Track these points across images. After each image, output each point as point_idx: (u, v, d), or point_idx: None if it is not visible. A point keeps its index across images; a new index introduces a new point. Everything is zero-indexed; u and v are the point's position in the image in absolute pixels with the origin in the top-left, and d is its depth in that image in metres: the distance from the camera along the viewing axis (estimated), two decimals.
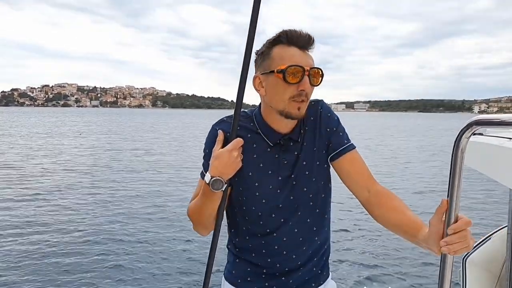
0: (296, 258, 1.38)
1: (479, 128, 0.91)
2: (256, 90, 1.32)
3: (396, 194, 1.32)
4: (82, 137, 30.85)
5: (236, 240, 1.45)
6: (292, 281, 1.40)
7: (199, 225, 1.34)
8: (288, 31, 1.23)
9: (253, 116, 1.37)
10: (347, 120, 38.71)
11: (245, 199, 1.35)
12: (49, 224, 7.77)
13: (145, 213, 8.75)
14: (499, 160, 1.52)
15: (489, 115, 0.90)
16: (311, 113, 1.37)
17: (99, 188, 11.27)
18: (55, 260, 5.95)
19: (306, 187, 1.35)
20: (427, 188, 12.09)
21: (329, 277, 1.51)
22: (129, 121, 69.73)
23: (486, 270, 2.30)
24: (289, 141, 1.34)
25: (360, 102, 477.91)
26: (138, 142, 27.05)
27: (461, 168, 0.97)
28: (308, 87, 1.23)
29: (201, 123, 64.55)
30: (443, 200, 1.03)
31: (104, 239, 6.95)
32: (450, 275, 1.01)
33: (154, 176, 13.63)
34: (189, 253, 6.37)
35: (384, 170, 15.26)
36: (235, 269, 1.46)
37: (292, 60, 1.21)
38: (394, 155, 21.23)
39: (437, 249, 1.04)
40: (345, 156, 1.35)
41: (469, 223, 1.01)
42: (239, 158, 1.23)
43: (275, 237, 1.36)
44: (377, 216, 1.30)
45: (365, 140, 31.71)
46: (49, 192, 10.64)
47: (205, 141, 1.37)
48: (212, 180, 1.19)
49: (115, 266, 5.82)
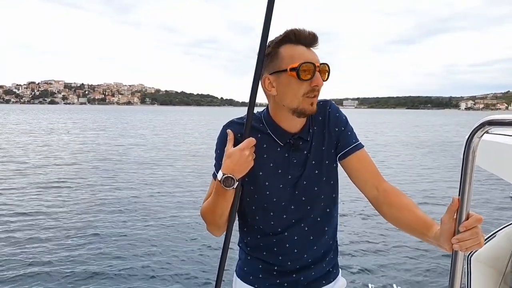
0: (307, 257, 1.41)
1: (492, 128, 0.92)
2: (266, 90, 1.34)
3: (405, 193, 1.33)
4: (70, 135, 30.50)
5: (247, 239, 1.48)
6: (303, 279, 1.43)
7: (212, 225, 1.36)
8: (294, 30, 1.26)
9: (262, 117, 1.39)
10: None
11: (256, 198, 1.38)
12: (54, 226, 7.68)
13: (157, 212, 8.77)
14: (504, 158, 1.53)
15: (501, 115, 0.90)
16: (320, 113, 1.39)
17: (102, 186, 11.26)
18: (63, 263, 5.88)
19: (316, 186, 1.37)
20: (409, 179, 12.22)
21: (339, 274, 1.54)
22: (118, 120, 69.08)
23: (491, 267, 2.28)
24: (298, 141, 1.36)
25: (349, 99, 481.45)
26: (141, 139, 26.94)
27: (473, 167, 0.97)
28: (321, 82, 1.26)
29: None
30: (454, 198, 1.04)
31: (114, 239, 6.96)
32: (461, 272, 1.03)
33: (165, 174, 13.64)
34: (201, 251, 6.41)
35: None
36: (247, 266, 1.49)
37: (303, 57, 1.24)
38: (381, 150, 21.43)
39: (449, 246, 1.05)
40: (354, 155, 1.37)
41: (480, 220, 1.02)
42: (251, 157, 1.25)
43: (286, 236, 1.39)
44: (386, 215, 1.32)
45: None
46: (55, 188, 10.54)
47: (216, 142, 1.40)
48: (223, 177, 1.21)
49: (126, 266, 5.83)
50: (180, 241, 6.91)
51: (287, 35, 1.27)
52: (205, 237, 6.85)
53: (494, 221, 7.71)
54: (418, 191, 11.33)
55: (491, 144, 1.69)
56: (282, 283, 1.43)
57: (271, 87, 1.31)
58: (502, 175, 1.58)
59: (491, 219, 8.15)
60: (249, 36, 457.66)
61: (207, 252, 6.36)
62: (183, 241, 6.89)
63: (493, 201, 9.91)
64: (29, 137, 27.55)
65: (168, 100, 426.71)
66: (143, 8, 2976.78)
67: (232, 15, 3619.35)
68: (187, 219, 8.17)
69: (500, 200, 9.81)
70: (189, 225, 7.77)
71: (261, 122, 1.38)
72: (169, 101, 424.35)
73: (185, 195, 10.47)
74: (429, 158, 19.08)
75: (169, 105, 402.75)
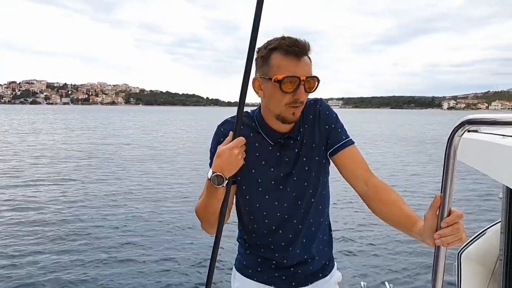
0: (301, 252, 1.45)
1: (471, 127, 0.94)
2: (255, 92, 1.37)
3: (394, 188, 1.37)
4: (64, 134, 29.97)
5: (245, 236, 1.53)
6: (301, 272, 1.47)
7: (205, 223, 1.38)
8: (286, 40, 1.27)
9: (254, 116, 1.43)
10: None
11: (249, 196, 1.42)
12: (46, 223, 7.54)
13: (152, 209, 8.83)
14: (492, 156, 1.57)
15: (481, 114, 0.93)
16: (310, 112, 1.43)
17: (100, 184, 11.16)
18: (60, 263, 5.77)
19: (306, 182, 1.41)
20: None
21: (334, 268, 1.59)
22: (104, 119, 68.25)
23: (480, 264, 2.30)
24: (289, 140, 1.40)
25: (334, 99, 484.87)
26: (128, 138, 26.63)
27: (454, 165, 1.00)
28: (303, 96, 1.30)
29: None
30: (436, 195, 1.06)
31: (109, 236, 7.00)
32: (443, 266, 1.05)
33: (157, 172, 13.64)
34: (196, 249, 6.43)
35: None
36: (246, 260, 1.54)
37: (289, 70, 1.26)
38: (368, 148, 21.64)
39: (432, 241, 1.08)
40: (344, 151, 1.40)
41: (461, 216, 1.05)
42: (241, 156, 1.26)
43: (280, 233, 1.43)
44: (375, 209, 1.35)
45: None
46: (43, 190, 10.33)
47: (211, 140, 1.43)
48: (213, 175, 1.24)
49: (120, 261, 5.89)
50: (173, 238, 6.93)
51: (280, 44, 1.28)
52: (199, 234, 6.87)
53: (484, 219, 7.84)
54: (403, 187, 11.55)
55: (480, 143, 1.73)
56: (280, 276, 1.48)
57: (259, 89, 1.36)
58: (489, 173, 1.61)
59: (481, 217, 8.30)
60: (233, 36, 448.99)
61: (201, 249, 6.38)
62: (177, 239, 6.90)
63: (483, 199, 10.09)
64: (13, 137, 27.00)
65: (153, 100, 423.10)
66: (125, 7, 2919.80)
67: (215, 14, 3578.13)
68: (182, 217, 8.20)
69: (490, 198, 9.98)
70: (184, 223, 7.79)
71: (254, 121, 1.42)
72: (154, 101, 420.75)
73: (182, 192, 10.54)
74: (417, 156, 19.38)
75: (154, 105, 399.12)
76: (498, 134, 1.67)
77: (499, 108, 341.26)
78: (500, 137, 1.61)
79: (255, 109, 1.46)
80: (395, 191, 1.35)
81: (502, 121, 0.88)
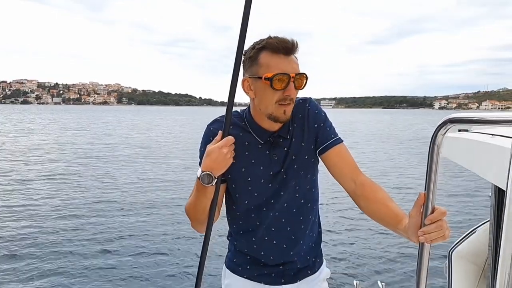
0: (287, 249, 1.47)
1: (453, 126, 0.96)
2: (245, 92, 1.39)
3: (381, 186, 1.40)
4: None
5: (234, 234, 1.56)
6: (289, 269, 1.50)
7: (195, 221, 1.40)
8: (274, 39, 1.30)
9: (244, 116, 1.46)
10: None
11: (238, 194, 1.44)
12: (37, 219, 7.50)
13: (142, 207, 8.90)
14: (481, 155, 1.58)
15: (462, 113, 0.95)
16: (299, 111, 1.46)
17: (86, 180, 11.05)
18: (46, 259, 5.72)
19: (294, 179, 1.44)
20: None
21: (323, 264, 1.62)
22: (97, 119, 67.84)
23: (471, 262, 2.34)
24: (278, 138, 1.42)
25: (326, 99, 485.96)
26: (118, 138, 26.45)
27: (438, 163, 1.02)
28: (293, 92, 1.32)
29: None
30: (420, 193, 1.08)
31: (100, 233, 7.03)
32: (427, 263, 1.06)
33: (148, 170, 13.63)
34: (187, 247, 6.46)
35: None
36: (236, 258, 1.57)
37: (278, 67, 1.30)
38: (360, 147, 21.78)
39: (416, 238, 1.10)
40: (332, 150, 1.42)
41: (445, 213, 1.07)
42: (230, 155, 1.27)
43: (266, 230, 1.46)
44: (362, 207, 1.38)
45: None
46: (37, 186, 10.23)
47: (201, 140, 1.45)
48: (202, 174, 1.25)
49: (110, 259, 5.92)
50: (164, 237, 6.94)
51: (268, 43, 1.31)
52: (189, 233, 6.89)
53: (475, 217, 7.95)
54: (394, 184, 11.75)
55: (469, 142, 1.75)
56: (269, 273, 1.50)
57: (249, 89, 1.38)
58: (479, 172, 1.63)
59: (472, 215, 8.41)
60: (226, 35, 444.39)
61: (192, 248, 6.41)
62: (167, 237, 6.92)
63: (474, 197, 10.21)
64: (3, 138, 26.73)
65: (146, 99, 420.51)
66: (117, 6, 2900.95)
67: (208, 14, 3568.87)
68: (173, 215, 8.21)
69: (481, 197, 10.10)
70: (175, 221, 7.80)
71: (243, 121, 1.44)
72: (146, 100, 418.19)
73: (173, 191, 10.56)
74: (407, 154, 19.54)
75: (146, 105, 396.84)
76: (488, 133, 1.69)
77: (490, 108, 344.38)
78: (489, 136, 1.62)
79: (245, 109, 1.48)
80: (383, 189, 1.37)
81: (483, 120, 0.90)
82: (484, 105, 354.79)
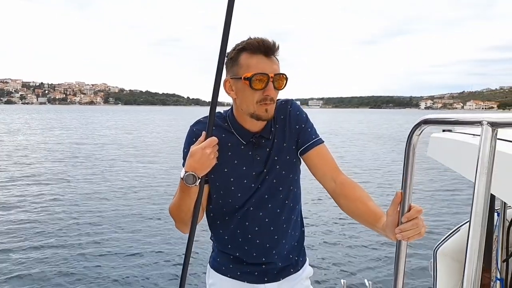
0: (270, 247, 1.49)
1: (427, 127, 0.99)
2: (227, 93, 1.41)
3: (360, 184, 1.43)
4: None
5: (217, 234, 1.57)
6: (272, 268, 1.52)
7: (179, 222, 1.41)
8: (254, 40, 1.33)
9: (227, 117, 1.47)
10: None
11: (222, 194, 1.46)
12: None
13: (128, 208, 8.81)
14: (462, 155, 1.61)
15: (436, 114, 0.97)
16: (281, 112, 1.48)
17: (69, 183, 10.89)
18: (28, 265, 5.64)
19: (276, 179, 1.46)
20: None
21: (306, 263, 1.65)
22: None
23: (455, 260, 2.39)
24: (261, 139, 1.45)
25: (314, 99, 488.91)
26: (106, 138, 26.18)
27: (413, 163, 1.04)
28: (272, 92, 1.34)
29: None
30: (397, 192, 1.11)
31: (85, 234, 7.00)
32: (404, 260, 1.08)
33: (132, 171, 13.42)
34: (171, 247, 6.43)
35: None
36: (219, 258, 1.59)
37: (258, 67, 1.31)
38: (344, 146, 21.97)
39: (393, 236, 1.12)
40: (313, 150, 1.46)
41: (420, 211, 1.10)
42: (213, 155, 1.29)
43: (247, 228, 1.47)
44: (342, 205, 1.41)
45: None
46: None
47: (184, 141, 1.47)
48: (186, 174, 1.26)
49: (94, 259, 5.90)
50: (148, 237, 6.90)
51: (247, 44, 1.33)
52: (173, 233, 6.86)
53: (460, 216, 8.03)
54: (377, 183, 11.94)
55: (452, 142, 1.79)
56: (252, 272, 1.52)
57: (231, 90, 1.40)
58: (461, 172, 1.66)
59: (458, 214, 8.51)
60: (215, 35, 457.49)
61: (176, 248, 6.39)
62: (152, 238, 6.88)
63: (459, 197, 10.33)
64: None
65: (133, 99, 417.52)
66: (103, 4, 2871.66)
67: (197, 13, 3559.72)
68: (157, 216, 8.18)
69: (466, 196, 10.25)
70: (159, 222, 7.78)
71: (226, 121, 1.46)
72: (133, 100, 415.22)
73: (158, 191, 10.52)
74: (392, 153, 19.73)
75: (133, 105, 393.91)
76: (469, 133, 1.72)
77: (474, 107, 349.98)
78: (470, 136, 1.65)
79: (228, 109, 1.50)
80: (362, 188, 1.40)
81: (453, 121, 0.92)
82: (469, 105, 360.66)
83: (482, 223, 0.76)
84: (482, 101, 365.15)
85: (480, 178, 0.77)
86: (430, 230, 6.91)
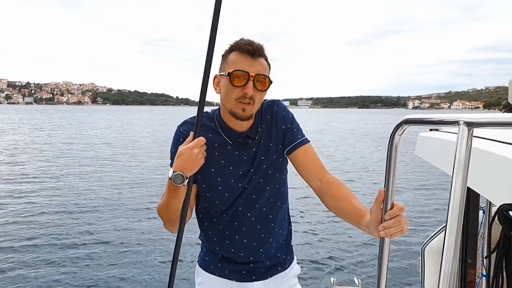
0: (257, 246, 1.52)
1: (408, 127, 1.01)
2: (214, 88, 1.44)
3: (345, 183, 1.46)
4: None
5: (205, 234, 1.59)
6: (260, 266, 1.55)
7: (167, 222, 1.41)
8: (242, 41, 1.38)
9: (214, 116, 1.49)
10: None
11: (209, 194, 1.47)
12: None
13: (117, 208, 8.82)
14: (447, 154, 1.63)
15: (417, 114, 0.99)
16: (268, 113, 1.51)
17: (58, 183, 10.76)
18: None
19: (263, 179, 1.48)
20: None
21: (293, 261, 1.67)
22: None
23: None
24: (247, 139, 1.47)
25: (303, 99, 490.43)
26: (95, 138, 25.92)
27: (395, 162, 1.06)
28: (251, 91, 1.35)
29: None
30: (380, 190, 1.13)
31: (73, 233, 6.99)
32: (387, 256, 1.10)
33: (120, 170, 13.32)
34: (160, 247, 6.43)
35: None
36: (208, 257, 1.61)
37: (240, 65, 1.35)
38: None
39: (377, 233, 1.15)
40: (299, 150, 1.49)
41: (403, 209, 1.13)
42: (201, 155, 1.30)
43: (239, 230, 1.49)
44: (327, 204, 1.44)
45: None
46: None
47: (171, 141, 1.48)
48: (173, 174, 1.27)
49: (82, 259, 5.88)
50: (137, 237, 6.91)
51: (236, 43, 1.39)
52: (162, 233, 6.85)
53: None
54: (364, 181, 12.13)
55: (438, 141, 1.82)
56: (240, 270, 1.54)
57: (217, 85, 1.43)
58: (444, 169, 1.68)
59: (445, 212, 8.64)
60: (204, 35, 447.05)
61: (165, 248, 6.39)
62: (140, 237, 6.88)
63: (446, 195, 10.52)
64: None
65: (121, 99, 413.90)
66: (91, 4, 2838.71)
67: (187, 13, 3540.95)
68: (146, 215, 8.17)
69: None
70: (148, 222, 7.77)
71: (213, 121, 1.48)
72: (121, 100, 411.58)
73: (148, 191, 10.52)
74: (379, 152, 19.92)
75: (121, 105, 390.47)
76: (454, 132, 1.74)
77: (460, 107, 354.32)
78: (454, 135, 1.66)
79: (216, 109, 1.52)
80: (347, 186, 1.43)
81: (433, 121, 0.94)
82: (456, 105, 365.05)
83: (459, 218, 0.76)
84: (468, 101, 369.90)
85: (457, 176, 0.79)
86: (417, 228, 7.02)
